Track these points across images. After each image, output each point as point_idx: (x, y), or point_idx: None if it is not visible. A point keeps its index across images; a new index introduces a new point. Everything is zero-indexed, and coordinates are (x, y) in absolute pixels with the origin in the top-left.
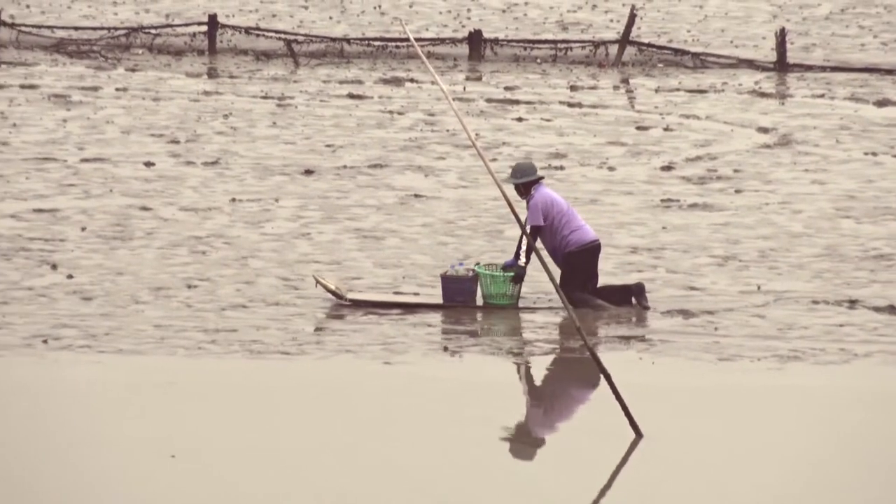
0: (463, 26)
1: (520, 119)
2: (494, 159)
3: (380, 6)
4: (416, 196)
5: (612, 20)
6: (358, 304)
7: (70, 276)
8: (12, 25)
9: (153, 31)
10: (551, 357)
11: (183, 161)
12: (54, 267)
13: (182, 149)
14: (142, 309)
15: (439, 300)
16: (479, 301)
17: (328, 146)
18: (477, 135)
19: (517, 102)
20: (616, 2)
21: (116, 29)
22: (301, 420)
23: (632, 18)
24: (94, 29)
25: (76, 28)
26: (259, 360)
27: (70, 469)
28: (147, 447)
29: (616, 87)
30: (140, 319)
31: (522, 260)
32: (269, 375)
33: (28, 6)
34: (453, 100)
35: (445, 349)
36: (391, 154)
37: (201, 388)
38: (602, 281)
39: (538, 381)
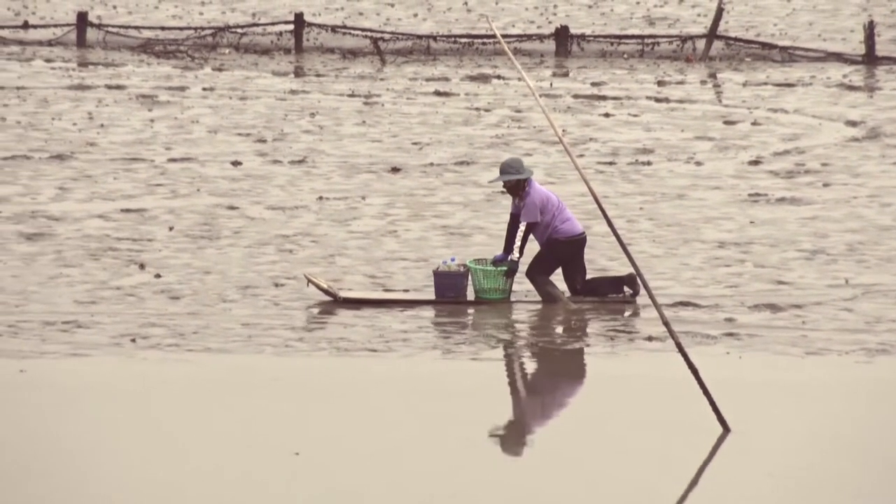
0: (549, 22)
1: (607, 115)
2: (581, 155)
3: (466, 3)
4: (502, 192)
5: (699, 15)
6: (350, 303)
7: (158, 276)
8: (99, 26)
9: (240, 30)
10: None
11: (270, 160)
12: (142, 266)
13: (269, 147)
14: (229, 307)
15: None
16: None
17: (415, 144)
18: (564, 131)
19: (604, 98)
20: None
21: (203, 29)
22: (389, 416)
23: (719, 13)
24: (181, 29)
25: (163, 28)
26: (346, 358)
27: (197, 469)
28: (267, 445)
29: (703, 82)
30: (227, 318)
31: (516, 255)
32: (356, 372)
33: (115, 7)
34: (540, 96)
35: (530, 346)
36: (478, 151)
37: (300, 385)
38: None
39: (626, 377)
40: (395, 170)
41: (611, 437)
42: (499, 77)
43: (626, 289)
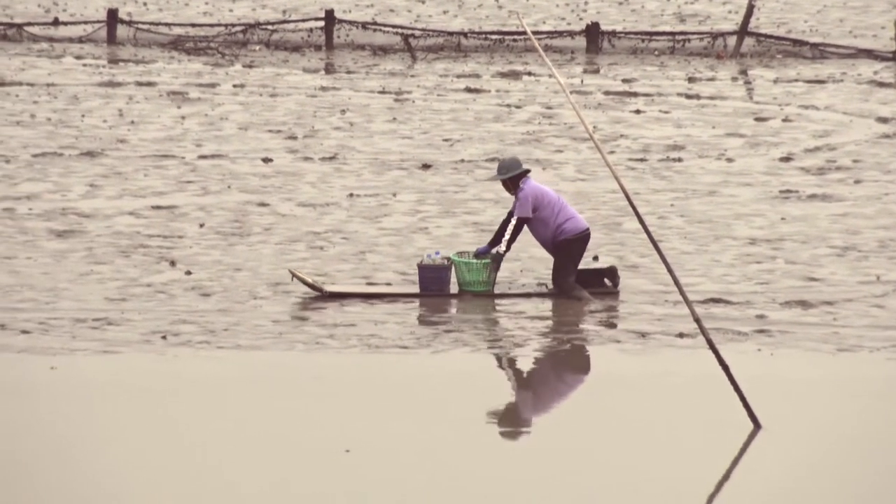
0: (580, 19)
1: (638, 111)
2: (612, 152)
3: (497, 0)
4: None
5: (730, 11)
6: (336, 297)
7: (188, 273)
8: (130, 23)
9: (270, 27)
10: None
11: (300, 157)
12: (173, 263)
13: (299, 144)
14: (260, 304)
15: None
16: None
17: (446, 140)
18: (595, 127)
19: (635, 94)
20: None
21: (233, 25)
22: (429, 413)
23: (750, 9)
24: (212, 26)
25: (193, 25)
26: (377, 355)
27: (253, 467)
28: (319, 443)
29: (734, 79)
30: (258, 315)
31: (502, 248)
32: (388, 369)
33: (145, 4)
34: (571, 93)
35: (567, 343)
36: (509, 148)
37: (338, 382)
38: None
39: (656, 373)
40: (425, 166)
41: (642, 433)
42: (529, 74)
43: (606, 280)
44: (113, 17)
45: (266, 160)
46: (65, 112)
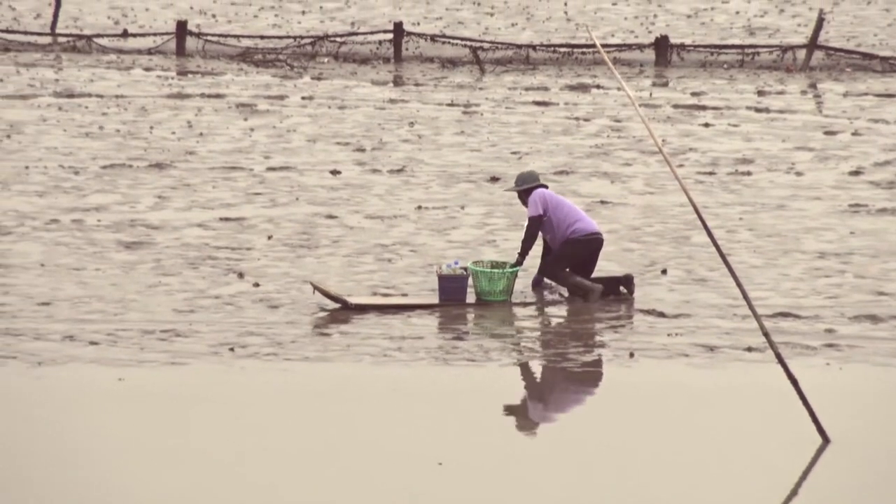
0: (649, 32)
1: (707, 124)
2: (681, 165)
3: (566, 13)
4: (602, 202)
5: (799, 24)
6: (361, 309)
7: (256, 285)
8: (199, 35)
9: (339, 39)
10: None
11: (369, 169)
12: (241, 275)
13: (368, 157)
14: (328, 316)
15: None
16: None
17: (514, 153)
18: (663, 140)
19: (704, 108)
20: (804, 6)
21: (302, 38)
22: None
23: (820, 23)
24: (280, 38)
25: (262, 37)
26: (446, 367)
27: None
28: (410, 454)
29: (804, 92)
30: (326, 327)
31: (519, 258)
32: (457, 381)
33: (214, 16)
34: (640, 106)
35: (631, 355)
36: (577, 161)
37: (415, 394)
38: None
39: (726, 386)
40: (493, 179)
41: (711, 446)
42: (598, 87)
43: (622, 288)
44: (182, 28)
45: (334, 172)
46: (134, 124)
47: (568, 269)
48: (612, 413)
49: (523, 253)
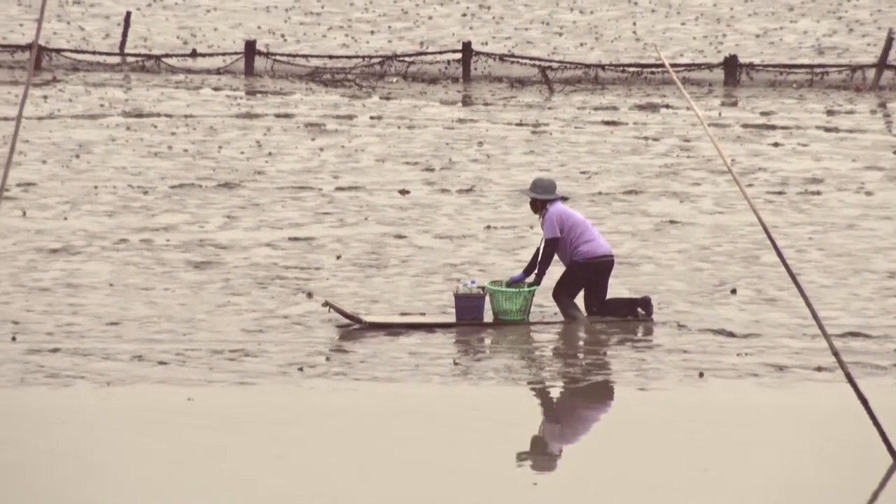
0: (718, 52)
1: (776, 144)
2: (751, 185)
3: (634, 32)
4: (671, 222)
5: (868, 44)
6: (375, 327)
7: (325, 304)
8: (267, 55)
9: (407, 58)
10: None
11: (437, 189)
12: (310, 295)
13: (437, 176)
14: (396, 337)
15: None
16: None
17: (583, 173)
18: (733, 160)
19: (773, 127)
20: (873, 25)
21: (371, 57)
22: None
23: (889, 42)
24: (349, 57)
25: (331, 57)
26: (513, 387)
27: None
28: (505, 475)
29: (873, 111)
30: (395, 347)
31: (533, 277)
32: (521, 402)
33: (283, 36)
34: (709, 125)
35: (701, 375)
36: (646, 180)
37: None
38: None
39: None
40: (563, 199)
41: (780, 467)
42: (667, 106)
43: (639, 310)
44: (251, 48)
45: (403, 192)
46: (202, 143)
47: (570, 298)
48: (678, 434)
49: (541, 273)
